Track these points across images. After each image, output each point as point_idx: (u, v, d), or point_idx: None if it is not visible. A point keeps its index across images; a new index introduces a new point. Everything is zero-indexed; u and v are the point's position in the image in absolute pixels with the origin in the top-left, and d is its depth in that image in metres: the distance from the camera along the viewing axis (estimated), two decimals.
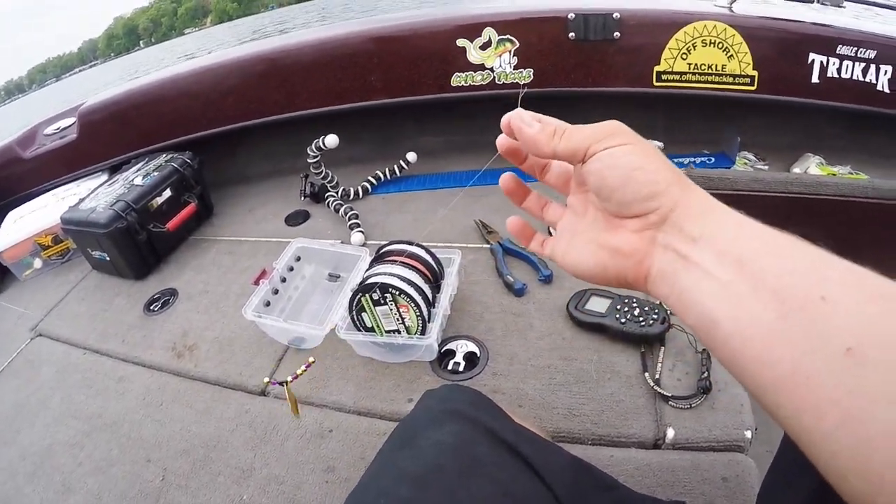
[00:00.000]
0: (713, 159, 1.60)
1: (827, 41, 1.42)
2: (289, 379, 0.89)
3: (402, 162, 1.71)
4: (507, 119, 0.48)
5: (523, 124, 0.46)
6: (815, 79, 1.45)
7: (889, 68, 1.43)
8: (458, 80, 1.58)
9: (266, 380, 0.90)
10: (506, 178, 0.54)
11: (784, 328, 0.33)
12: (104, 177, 1.78)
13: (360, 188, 1.67)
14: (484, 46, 1.52)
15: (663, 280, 0.41)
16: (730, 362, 0.37)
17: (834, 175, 1.53)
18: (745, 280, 0.36)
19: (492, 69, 1.55)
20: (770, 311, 0.34)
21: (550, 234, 0.55)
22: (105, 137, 1.80)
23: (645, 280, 0.43)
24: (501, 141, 0.51)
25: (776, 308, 0.33)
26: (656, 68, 1.49)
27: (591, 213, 0.48)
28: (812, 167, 1.57)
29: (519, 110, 0.48)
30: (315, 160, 1.55)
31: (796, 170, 1.59)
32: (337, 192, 1.64)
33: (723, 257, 0.37)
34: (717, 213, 0.40)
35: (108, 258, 1.49)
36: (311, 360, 0.93)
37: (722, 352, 0.37)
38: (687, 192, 0.41)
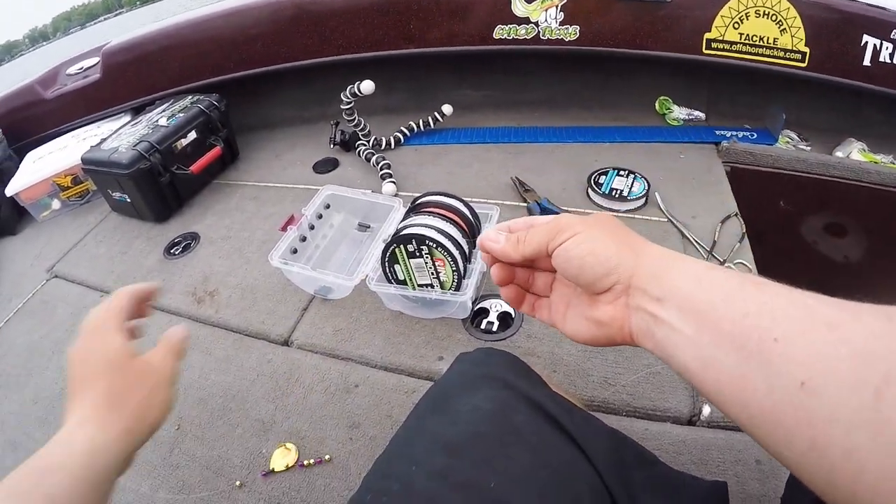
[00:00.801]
0: (755, 135, 1.55)
1: (882, 24, 1.36)
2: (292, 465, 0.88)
3: (436, 114, 1.66)
4: (479, 244, 0.56)
5: (492, 243, 0.54)
6: (866, 62, 1.40)
7: None
8: (500, 32, 1.51)
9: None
10: (494, 271, 0.57)
11: (746, 371, 0.36)
12: (127, 118, 1.74)
13: (392, 138, 1.63)
14: None
15: (645, 336, 0.45)
16: (714, 403, 0.40)
17: (876, 163, 1.48)
18: (706, 331, 0.39)
19: (537, 23, 1.48)
20: (732, 357, 0.37)
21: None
22: (129, 78, 1.76)
23: (631, 339, 0.47)
24: (493, 274, 0.57)
25: (736, 353, 0.37)
26: (706, 35, 1.43)
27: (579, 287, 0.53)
28: (854, 152, 1.53)
29: (485, 232, 0.56)
30: (349, 106, 1.50)
31: (838, 153, 1.55)
32: (368, 141, 1.60)
33: (685, 313, 0.41)
34: (675, 271, 0.44)
35: (128, 200, 1.46)
36: (326, 456, 0.89)
37: (705, 394, 0.40)
38: (641, 257, 0.46)
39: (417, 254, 0.96)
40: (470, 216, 1.03)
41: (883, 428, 0.29)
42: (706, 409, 0.86)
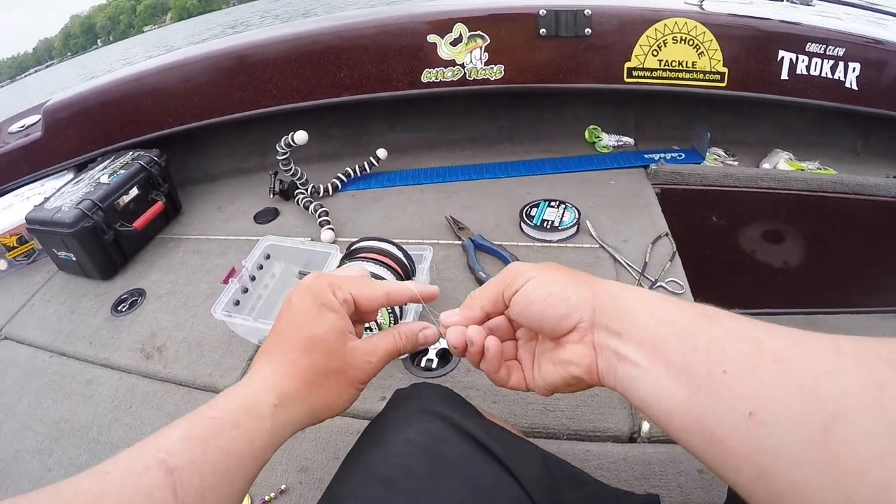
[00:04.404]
0: (683, 155, 1.61)
1: (796, 39, 1.44)
2: None
3: (372, 158, 1.69)
4: (441, 328, 0.60)
5: (450, 316, 0.59)
6: (784, 76, 1.47)
7: (857, 65, 1.45)
8: (428, 75, 1.56)
9: None
10: (451, 335, 0.60)
11: (697, 401, 0.39)
12: (70, 175, 1.74)
13: (329, 185, 1.65)
14: (454, 42, 1.51)
15: (609, 374, 0.48)
16: (668, 434, 0.42)
17: (802, 170, 1.55)
18: (660, 364, 0.42)
19: (462, 65, 1.54)
20: (683, 387, 0.40)
21: None
22: (71, 135, 1.76)
23: (598, 379, 0.49)
24: (450, 339, 0.59)
25: (687, 384, 0.40)
26: (627, 64, 1.49)
27: (541, 336, 0.56)
28: (781, 163, 1.60)
29: (442, 315, 0.59)
30: (284, 157, 1.52)
31: (766, 165, 1.61)
32: (306, 190, 1.62)
33: (642, 346, 0.44)
34: (629, 303, 0.47)
35: (74, 258, 1.45)
36: (282, 486, 0.91)
37: (660, 426, 0.43)
38: (596, 294, 0.49)
39: None
40: (403, 258, 1.06)
41: (830, 464, 0.30)
42: (646, 426, 0.88)
